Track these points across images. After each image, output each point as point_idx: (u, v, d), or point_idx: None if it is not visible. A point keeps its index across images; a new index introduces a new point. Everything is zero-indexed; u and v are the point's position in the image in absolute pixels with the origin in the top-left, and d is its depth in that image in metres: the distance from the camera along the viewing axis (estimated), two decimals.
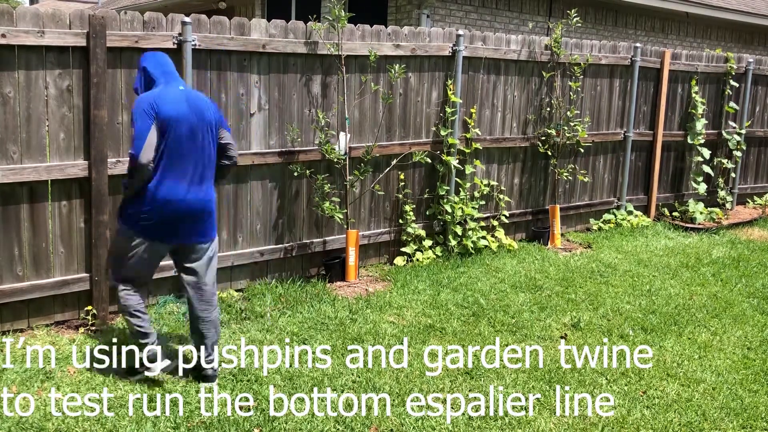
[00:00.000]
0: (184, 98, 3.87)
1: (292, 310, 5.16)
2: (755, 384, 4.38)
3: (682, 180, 9.01)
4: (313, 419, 3.69)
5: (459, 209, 6.55)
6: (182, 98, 3.86)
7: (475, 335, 4.89)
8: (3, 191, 4.49)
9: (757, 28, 14.94)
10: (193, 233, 3.95)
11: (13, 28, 4.36)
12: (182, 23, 4.96)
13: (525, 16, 11.24)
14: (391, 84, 6.13)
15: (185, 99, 3.87)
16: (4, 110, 4.43)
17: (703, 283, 6.29)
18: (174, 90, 3.87)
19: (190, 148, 3.84)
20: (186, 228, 3.91)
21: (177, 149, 3.79)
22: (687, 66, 8.57)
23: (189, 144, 3.82)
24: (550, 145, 7.34)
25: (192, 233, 3.94)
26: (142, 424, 3.58)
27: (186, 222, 3.88)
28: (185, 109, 3.83)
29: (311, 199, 5.84)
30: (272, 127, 5.57)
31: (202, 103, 3.96)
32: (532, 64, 7.14)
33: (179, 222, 3.86)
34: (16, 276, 4.61)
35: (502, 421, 3.79)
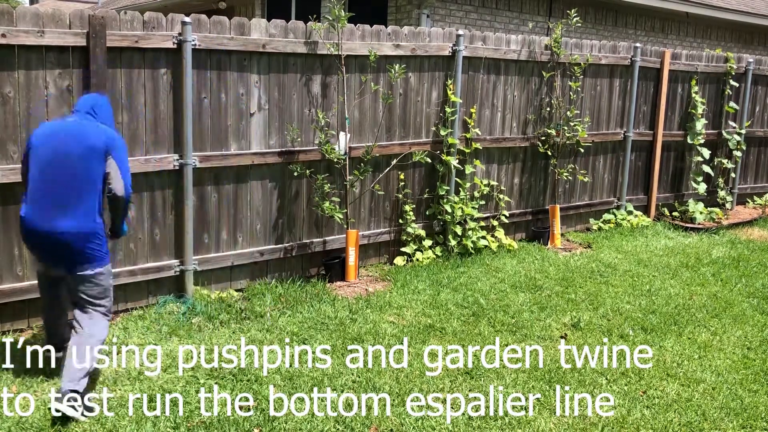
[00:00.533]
0: (62, 128, 3.92)
1: (292, 310, 5.16)
2: (755, 384, 4.38)
3: (682, 180, 9.01)
4: (313, 419, 3.69)
5: (459, 209, 6.55)
6: (60, 127, 3.93)
7: (475, 335, 4.89)
8: (3, 191, 4.49)
9: (757, 28, 14.93)
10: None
11: (13, 28, 4.36)
12: (182, 23, 4.96)
13: (525, 16, 11.24)
14: (391, 84, 6.13)
15: (62, 128, 3.92)
16: (4, 110, 4.43)
17: (703, 283, 6.29)
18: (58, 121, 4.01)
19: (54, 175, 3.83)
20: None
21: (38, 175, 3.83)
22: (687, 66, 8.57)
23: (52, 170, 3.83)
24: (550, 145, 7.34)
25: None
26: (142, 424, 3.58)
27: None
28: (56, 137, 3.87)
29: (311, 199, 5.84)
30: (272, 126, 5.57)
31: (82, 131, 3.90)
32: (532, 64, 7.14)
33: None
34: (16, 276, 4.61)
35: (502, 421, 3.79)
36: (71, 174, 3.80)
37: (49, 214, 3.78)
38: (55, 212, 3.78)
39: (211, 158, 5.26)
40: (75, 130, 3.88)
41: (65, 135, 3.85)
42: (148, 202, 5.07)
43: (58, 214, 3.77)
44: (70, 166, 3.80)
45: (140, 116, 4.93)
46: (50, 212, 3.78)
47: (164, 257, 5.20)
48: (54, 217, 3.77)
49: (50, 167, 3.80)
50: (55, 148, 3.82)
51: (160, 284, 5.20)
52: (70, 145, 3.82)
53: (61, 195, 3.79)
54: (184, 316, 4.93)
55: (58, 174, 3.80)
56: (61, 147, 3.82)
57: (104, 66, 4.65)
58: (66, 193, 3.80)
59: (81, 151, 3.81)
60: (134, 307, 5.08)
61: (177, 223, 5.21)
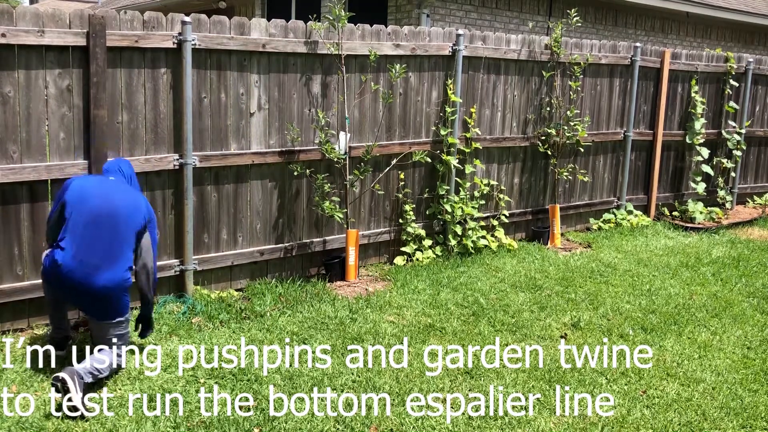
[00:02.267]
0: (108, 185, 4.16)
1: (292, 309, 5.16)
2: (755, 384, 4.38)
3: (682, 180, 9.01)
4: (313, 419, 3.69)
5: (459, 209, 6.55)
6: (104, 185, 4.16)
7: (475, 335, 4.89)
8: (3, 191, 4.49)
9: (757, 28, 14.94)
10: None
11: (13, 27, 4.35)
12: (182, 23, 4.96)
13: (525, 16, 11.24)
14: (391, 83, 6.13)
15: (108, 186, 4.15)
16: (4, 110, 4.43)
17: (703, 283, 6.29)
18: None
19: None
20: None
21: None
22: (687, 66, 8.57)
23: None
24: (550, 145, 7.34)
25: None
26: (142, 424, 3.58)
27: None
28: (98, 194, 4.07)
29: (311, 198, 5.84)
30: (272, 126, 5.57)
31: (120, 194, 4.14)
32: (532, 63, 7.14)
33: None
34: (16, 275, 4.61)
35: (502, 420, 3.79)
36: (116, 231, 3.98)
37: (91, 268, 3.90)
38: (97, 266, 3.91)
39: (211, 158, 5.26)
40: (122, 190, 4.14)
41: (115, 192, 4.07)
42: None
43: (99, 268, 3.91)
44: (116, 223, 3.99)
45: (140, 116, 4.93)
46: (92, 266, 3.90)
47: (164, 257, 5.19)
48: (95, 271, 3.90)
49: (95, 221, 3.94)
50: (102, 200, 4.00)
51: (160, 284, 5.19)
52: (120, 203, 4.04)
53: (104, 250, 3.94)
54: (184, 316, 4.93)
55: (104, 229, 3.96)
56: (108, 204, 4.01)
57: (104, 66, 4.65)
58: (109, 249, 3.95)
59: (128, 211, 4.04)
60: (134, 307, 5.06)
61: (177, 223, 5.21)
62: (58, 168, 4.60)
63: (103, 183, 4.15)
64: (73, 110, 4.66)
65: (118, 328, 4.05)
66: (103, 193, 4.06)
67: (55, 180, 4.62)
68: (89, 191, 4.02)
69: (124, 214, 4.02)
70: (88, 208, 3.96)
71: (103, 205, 3.99)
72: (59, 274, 3.90)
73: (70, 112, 4.65)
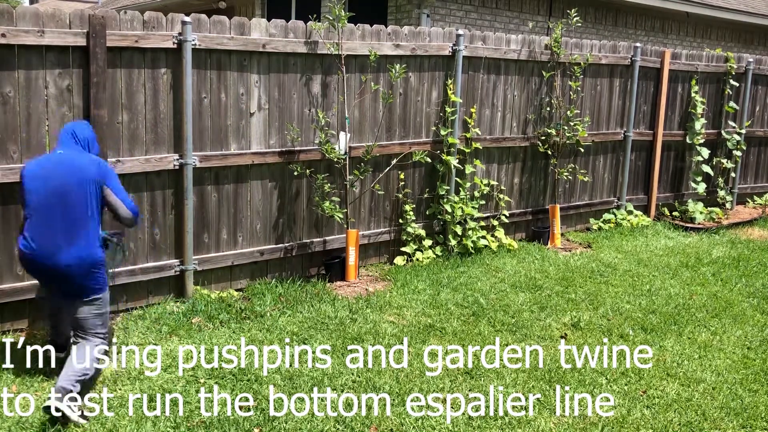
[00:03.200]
0: (53, 161, 3.93)
1: (292, 309, 5.16)
2: (755, 384, 4.38)
3: (682, 180, 9.01)
4: (313, 419, 3.69)
5: (459, 209, 6.55)
6: (50, 161, 3.93)
7: (475, 335, 4.89)
8: (3, 191, 4.49)
9: (757, 28, 14.93)
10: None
11: (13, 27, 4.35)
12: (182, 23, 4.96)
13: (525, 16, 11.23)
14: (391, 84, 6.13)
15: (54, 161, 3.92)
16: (4, 110, 4.43)
17: (703, 283, 6.29)
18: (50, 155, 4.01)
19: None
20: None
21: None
22: (687, 66, 8.57)
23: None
24: (550, 145, 7.34)
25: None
26: (142, 424, 3.58)
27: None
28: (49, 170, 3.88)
29: (311, 198, 5.84)
30: (272, 126, 5.57)
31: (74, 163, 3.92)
32: (532, 63, 7.14)
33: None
34: (16, 276, 4.61)
35: (502, 420, 3.79)
36: (69, 206, 3.81)
37: (51, 249, 3.78)
38: (58, 245, 3.78)
39: (211, 158, 5.26)
40: (67, 161, 3.88)
41: (58, 167, 3.86)
42: (148, 202, 5.07)
43: (61, 248, 3.78)
44: (66, 198, 3.80)
45: (140, 116, 4.93)
46: (52, 246, 3.78)
47: (164, 257, 5.20)
48: (57, 251, 3.78)
49: (47, 201, 3.80)
50: (47, 181, 3.82)
51: (160, 284, 5.20)
52: (65, 177, 3.83)
53: (62, 229, 3.79)
54: (184, 316, 4.93)
55: (56, 208, 3.79)
56: (55, 180, 3.82)
57: (104, 66, 4.65)
58: (66, 227, 3.80)
59: (76, 181, 3.83)
60: (134, 307, 5.08)
61: (177, 223, 5.21)
62: None
63: (49, 160, 3.93)
64: (73, 110, 4.66)
65: (94, 306, 3.91)
66: (49, 171, 3.85)
67: None
68: (37, 173, 3.85)
69: (72, 185, 3.82)
70: (37, 190, 3.81)
71: (50, 184, 3.81)
72: (26, 261, 3.85)
73: (70, 112, 4.65)
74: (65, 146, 3.97)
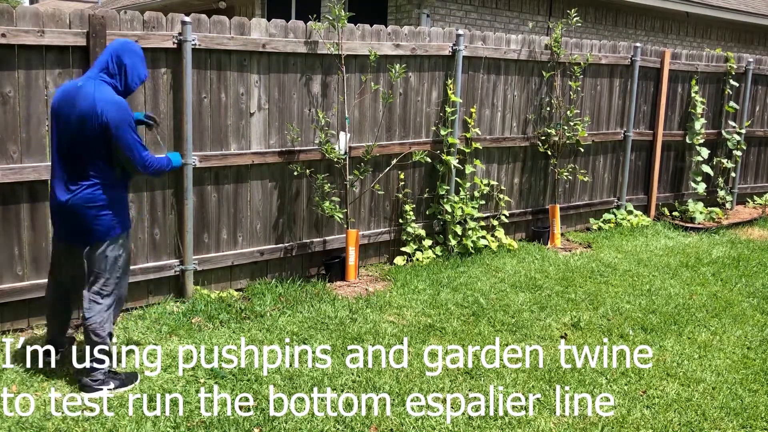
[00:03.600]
0: (68, 93, 3.82)
1: (292, 309, 5.16)
2: (755, 384, 4.38)
3: (682, 180, 9.01)
4: (313, 419, 3.69)
5: (459, 209, 6.55)
6: (66, 93, 3.82)
7: (475, 335, 4.89)
8: (3, 191, 4.49)
9: (757, 28, 14.94)
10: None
11: (13, 27, 4.35)
12: (182, 23, 4.96)
13: (525, 16, 11.24)
14: (391, 84, 6.13)
15: (68, 94, 3.81)
16: (4, 110, 4.43)
17: (703, 283, 6.29)
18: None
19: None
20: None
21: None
22: (687, 66, 8.57)
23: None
24: (550, 145, 7.34)
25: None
26: (142, 424, 3.58)
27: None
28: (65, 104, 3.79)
29: (311, 198, 5.84)
30: (272, 126, 5.57)
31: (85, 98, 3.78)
32: (532, 63, 7.14)
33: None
34: (16, 275, 4.61)
35: (502, 420, 3.79)
36: (73, 144, 3.75)
37: (58, 185, 3.81)
38: (62, 181, 3.79)
39: (211, 158, 5.26)
40: (81, 97, 3.73)
41: (71, 103, 3.75)
42: (148, 202, 5.07)
43: (63, 184, 3.79)
44: (71, 137, 3.74)
45: None
46: (59, 183, 3.81)
47: (164, 257, 5.20)
48: (60, 187, 3.80)
49: (57, 137, 3.80)
50: (59, 116, 3.79)
51: (160, 284, 5.20)
52: (72, 115, 3.73)
53: (65, 166, 3.78)
54: (184, 316, 4.93)
55: (63, 145, 3.78)
56: (66, 118, 3.75)
57: None
58: (69, 165, 3.77)
59: (75, 119, 3.72)
60: (134, 307, 5.08)
61: (177, 223, 5.21)
62: None
63: (68, 93, 3.80)
64: None
65: (96, 255, 3.84)
66: (64, 108, 3.77)
67: None
68: (56, 109, 3.81)
69: (76, 124, 3.72)
70: (54, 126, 3.81)
71: (61, 121, 3.77)
72: (49, 197, 3.88)
73: None
74: (86, 77, 3.85)
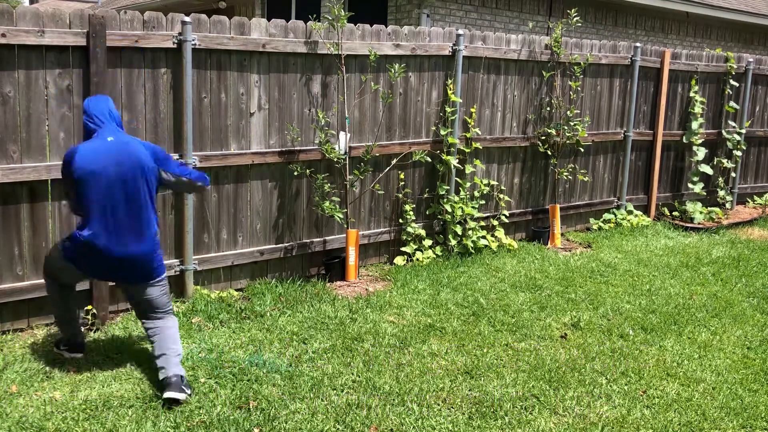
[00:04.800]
0: (109, 150, 3.91)
1: (292, 309, 5.16)
2: (755, 384, 4.38)
3: (682, 180, 9.01)
4: (313, 419, 3.69)
5: (459, 209, 6.55)
6: (106, 150, 3.91)
7: (475, 335, 4.89)
8: (3, 191, 4.49)
9: (757, 28, 14.94)
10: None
11: (13, 27, 4.35)
12: (182, 23, 4.96)
13: (525, 16, 11.24)
14: (391, 83, 6.13)
15: (109, 150, 3.91)
16: (4, 110, 4.43)
17: (703, 283, 6.29)
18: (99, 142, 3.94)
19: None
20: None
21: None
22: (687, 66, 8.58)
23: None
24: (550, 145, 7.34)
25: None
26: (142, 423, 3.58)
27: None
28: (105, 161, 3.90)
29: (311, 198, 5.84)
30: (272, 126, 5.57)
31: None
32: (532, 63, 7.14)
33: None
34: (16, 275, 4.61)
35: (502, 420, 3.79)
36: (131, 197, 3.90)
37: (124, 239, 3.90)
38: (128, 236, 3.91)
39: (211, 158, 5.26)
40: (123, 150, 3.90)
41: (114, 157, 3.86)
42: None
43: (130, 238, 3.92)
44: (128, 190, 3.89)
45: (140, 116, 4.93)
46: (124, 237, 3.91)
47: (164, 257, 5.18)
48: (127, 242, 3.91)
49: (109, 193, 3.85)
50: (106, 173, 3.84)
51: None
52: (123, 168, 3.87)
53: (127, 221, 3.91)
54: (184, 316, 4.93)
55: (119, 200, 3.87)
56: (115, 172, 3.86)
57: (104, 66, 4.65)
58: (130, 219, 3.92)
59: (135, 173, 3.91)
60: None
61: (177, 223, 5.22)
62: (59, 168, 4.59)
63: (105, 150, 3.88)
64: (74, 110, 4.66)
65: (159, 287, 4.09)
66: (106, 162, 3.84)
67: (55, 180, 4.62)
68: (92, 164, 3.82)
69: (132, 177, 3.89)
70: (97, 182, 3.82)
71: (110, 176, 3.84)
72: (92, 251, 3.88)
73: (70, 112, 4.65)
74: (110, 131, 3.95)
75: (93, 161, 3.82)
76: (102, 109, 3.99)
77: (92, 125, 3.95)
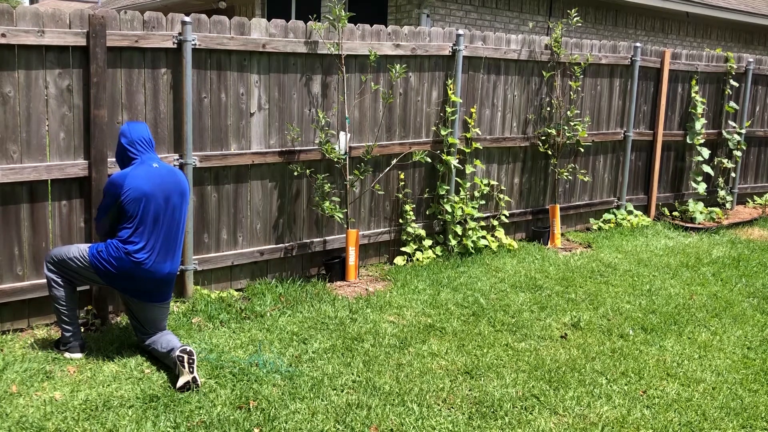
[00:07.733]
0: (161, 175, 4.22)
1: (292, 309, 5.16)
2: (755, 384, 4.38)
3: (683, 180, 9.01)
4: (313, 419, 3.69)
5: (459, 209, 6.55)
6: (158, 175, 4.20)
7: (475, 335, 4.89)
8: (3, 191, 4.49)
9: (757, 28, 14.94)
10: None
11: (13, 27, 4.35)
12: (182, 23, 4.96)
13: (525, 16, 11.24)
14: (391, 84, 6.13)
15: (162, 176, 4.22)
16: (4, 110, 4.43)
17: (703, 283, 6.29)
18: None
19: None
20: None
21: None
22: (687, 66, 8.58)
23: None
24: (550, 145, 7.34)
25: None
26: (142, 423, 3.58)
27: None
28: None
29: (311, 198, 5.84)
30: (272, 126, 5.57)
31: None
32: (532, 63, 7.14)
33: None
34: (16, 275, 4.61)
35: (502, 420, 3.79)
36: (174, 220, 4.23)
37: (164, 260, 4.20)
38: (166, 257, 4.22)
39: (211, 158, 5.26)
40: (170, 177, 4.22)
41: (164, 184, 4.17)
42: None
43: (168, 259, 4.23)
44: (173, 214, 4.21)
45: (140, 116, 4.93)
46: (164, 258, 4.20)
47: None
48: (165, 262, 4.21)
49: (156, 215, 4.14)
50: (157, 196, 4.13)
51: None
52: (173, 194, 4.21)
53: (169, 242, 4.21)
54: (184, 316, 4.93)
55: (164, 222, 4.17)
56: (165, 197, 4.17)
57: (104, 66, 4.65)
58: (171, 240, 4.23)
59: (182, 200, 4.27)
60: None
61: None
62: (58, 168, 4.60)
63: (156, 175, 4.17)
64: (74, 110, 4.66)
65: (169, 304, 4.38)
66: (157, 186, 4.14)
67: (55, 180, 4.63)
68: (144, 187, 4.09)
69: (179, 202, 4.23)
70: (146, 205, 4.09)
71: (160, 200, 4.13)
72: (139, 271, 4.10)
73: (70, 112, 4.65)
74: (152, 158, 4.25)
75: (145, 184, 4.11)
76: (142, 136, 4.25)
77: (133, 150, 4.21)
